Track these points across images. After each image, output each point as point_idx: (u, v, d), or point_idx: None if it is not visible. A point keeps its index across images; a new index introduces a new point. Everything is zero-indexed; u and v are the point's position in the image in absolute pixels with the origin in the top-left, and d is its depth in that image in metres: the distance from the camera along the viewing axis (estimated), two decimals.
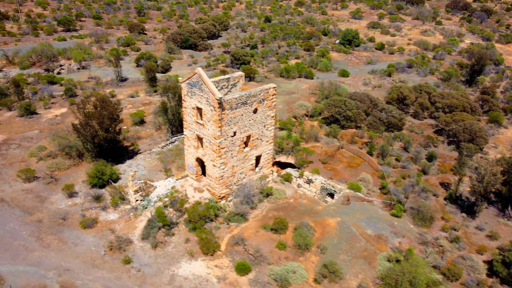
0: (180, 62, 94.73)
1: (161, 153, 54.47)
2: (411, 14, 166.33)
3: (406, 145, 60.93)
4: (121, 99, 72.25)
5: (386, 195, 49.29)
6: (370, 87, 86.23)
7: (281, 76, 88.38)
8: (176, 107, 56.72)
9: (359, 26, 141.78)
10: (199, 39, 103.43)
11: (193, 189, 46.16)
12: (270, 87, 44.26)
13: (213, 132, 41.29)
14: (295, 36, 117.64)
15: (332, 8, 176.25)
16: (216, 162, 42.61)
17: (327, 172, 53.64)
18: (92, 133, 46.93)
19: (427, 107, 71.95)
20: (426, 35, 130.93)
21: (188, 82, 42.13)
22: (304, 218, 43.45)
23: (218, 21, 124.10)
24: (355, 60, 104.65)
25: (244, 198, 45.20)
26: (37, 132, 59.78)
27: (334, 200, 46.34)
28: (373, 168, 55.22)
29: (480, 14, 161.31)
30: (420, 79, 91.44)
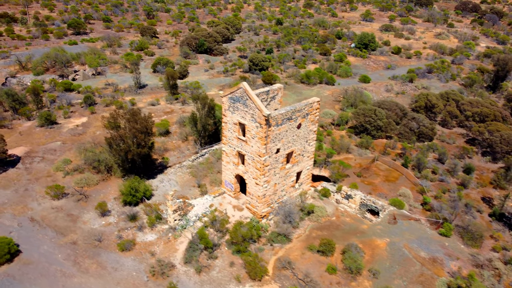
0: (197, 68, 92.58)
1: (192, 167, 52.40)
2: (422, 16, 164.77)
3: (441, 157, 59.06)
4: (142, 107, 70.12)
5: (430, 212, 47.41)
6: (392, 94, 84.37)
7: (302, 82, 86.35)
8: (206, 118, 54.61)
9: (371, 28, 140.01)
10: (214, 43, 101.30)
11: (232, 207, 44.13)
12: (314, 101, 42.31)
13: (258, 149, 39.27)
14: (310, 39, 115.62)
15: (342, 10, 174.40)
16: (259, 181, 40.60)
17: (365, 186, 51.70)
18: (126, 149, 44.75)
19: (456, 115, 70.13)
20: (441, 38, 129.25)
21: (230, 96, 40.08)
22: (351, 239, 41.51)
23: (230, 24, 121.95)
24: (373, 65, 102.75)
25: (285, 217, 43.25)
26: (59, 144, 57.59)
27: (380, 219, 44.40)
28: (411, 182, 53.31)
29: (491, 16, 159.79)
30: (442, 85, 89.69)
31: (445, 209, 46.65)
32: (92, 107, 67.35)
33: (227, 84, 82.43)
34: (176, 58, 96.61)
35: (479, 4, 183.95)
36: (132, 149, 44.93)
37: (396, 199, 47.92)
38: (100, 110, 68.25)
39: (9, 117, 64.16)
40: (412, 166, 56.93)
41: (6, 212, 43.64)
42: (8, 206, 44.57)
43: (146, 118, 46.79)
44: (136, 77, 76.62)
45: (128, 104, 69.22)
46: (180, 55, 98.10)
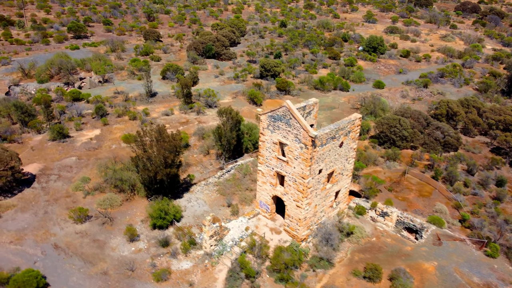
0: (206, 74, 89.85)
1: (219, 184, 49.93)
2: (423, 17, 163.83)
3: (470, 168, 57.44)
4: (156, 118, 67.38)
5: (470, 229, 45.66)
6: (408, 100, 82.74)
7: (316, 88, 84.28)
8: (231, 132, 52.14)
9: (375, 30, 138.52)
10: (222, 47, 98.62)
11: (269, 229, 41.85)
12: (356, 118, 40.22)
13: (301, 171, 37.02)
14: (317, 42, 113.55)
15: (343, 11, 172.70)
16: (301, 203, 38.38)
17: (399, 202, 49.81)
18: (154, 169, 42.06)
19: (478, 123, 68.67)
20: (447, 41, 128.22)
21: (271, 115, 37.75)
22: (396, 262, 39.56)
23: (235, 26, 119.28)
24: (384, 69, 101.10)
25: (325, 239, 41.16)
26: (75, 160, 54.65)
27: (423, 239, 42.49)
28: (445, 197, 51.58)
29: (493, 17, 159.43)
30: (456, 90, 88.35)
31: (486, 226, 45.03)
32: (104, 118, 64.35)
33: (240, 92, 79.95)
34: (184, 63, 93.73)
35: (478, 5, 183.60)
36: (161, 169, 42.25)
37: (436, 216, 46.08)
38: (112, 121, 65.31)
39: (18, 130, 60.90)
40: (443, 178, 55.26)
41: (27, 238, 40.79)
42: (29, 231, 41.71)
43: (175, 136, 44.10)
44: (147, 85, 73.70)
45: (142, 115, 66.38)
46: (188, 60, 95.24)
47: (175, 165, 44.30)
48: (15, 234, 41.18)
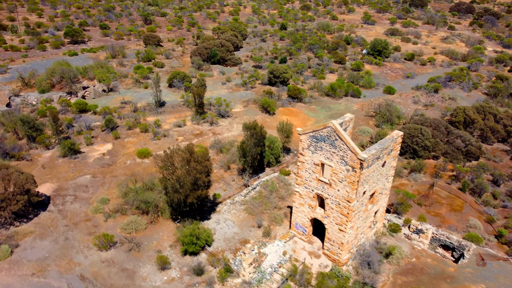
0: (213, 80, 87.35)
1: (245, 203, 47.75)
2: (420, 18, 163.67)
3: (496, 178, 56.40)
4: (168, 130, 64.79)
5: (508, 246, 44.45)
6: (420, 106, 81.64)
7: (327, 95, 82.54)
8: (256, 148, 49.97)
9: (375, 32, 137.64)
10: (227, 53, 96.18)
11: (307, 253, 39.89)
12: (398, 135, 38.50)
13: (346, 194, 35.13)
14: (321, 46, 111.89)
15: (340, 12, 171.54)
16: (344, 227, 36.52)
17: (432, 218, 48.40)
18: (185, 192, 39.65)
19: (497, 130, 67.82)
20: (448, 43, 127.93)
21: (313, 135, 35.74)
22: (441, 286, 38.02)
23: (236, 30, 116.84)
24: (391, 73, 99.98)
25: (364, 262, 39.42)
26: (89, 178, 51.83)
27: (466, 260, 41.04)
28: (476, 210, 50.36)
29: (490, 18, 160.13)
30: (466, 95, 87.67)
31: None
32: (115, 131, 61.50)
33: (251, 100, 77.74)
34: (189, 69, 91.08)
35: (473, 5, 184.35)
36: (192, 192, 39.87)
37: (473, 233, 44.75)
38: (123, 134, 62.49)
39: (25, 146, 57.69)
40: (470, 190, 54.06)
41: (50, 269, 38.07)
42: (51, 261, 38.97)
43: (205, 155, 41.73)
44: (156, 94, 70.93)
45: (153, 127, 63.69)
46: (192, 66, 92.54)
47: (206, 186, 41.96)
48: (37, 265, 38.41)
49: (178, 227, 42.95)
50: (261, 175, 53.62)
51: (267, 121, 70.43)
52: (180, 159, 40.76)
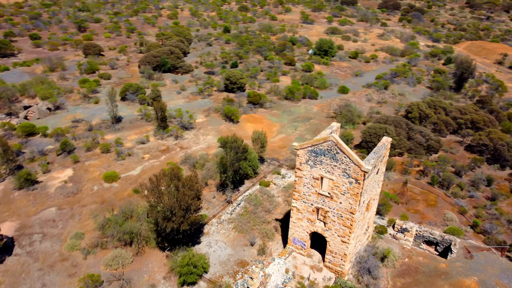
0: (166, 90, 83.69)
1: (233, 220, 45.99)
2: (354, 16, 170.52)
3: (459, 170, 59.88)
4: (131, 148, 60.86)
5: (484, 235, 47.26)
6: (374, 103, 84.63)
7: (286, 98, 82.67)
8: (239, 162, 48.37)
9: (316, 32, 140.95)
10: (177, 60, 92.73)
11: (309, 268, 39.24)
12: (387, 142, 39.08)
13: (349, 206, 34.95)
14: (268, 48, 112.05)
15: (277, 12, 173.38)
16: (347, 238, 36.37)
17: (413, 215, 50.13)
18: (179, 220, 37.04)
19: (450, 124, 72.20)
20: (384, 39, 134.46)
21: (312, 149, 35.02)
22: (438, 283, 39.35)
23: (180, 35, 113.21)
24: (340, 72, 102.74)
25: (363, 269, 39.74)
26: (55, 211, 46.97)
27: (454, 254, 42.85)
28: (448, 203, 53.05)
29: (416, 14, 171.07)
30: (412, 90, 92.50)
31: (499, 230, 46.91)
32: (74, 155, 56.40)
33: (212, 108, 75.57)
34: (139, 80, 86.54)
35: (399, 2, 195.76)
36: (186, 219, 37.41)
37: (453, 227, 46.98)
38: (83, 157, 57.56)
39: None
40: (439, 184, 56.83)
41: None
42: None
43: (193, 178, 39.28)
44: (112, 110, 66.28)
45: (116, 146, 59.42)
46: (143, 76, 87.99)
47: (197, 209, 39.62)
48: None
49: (168, 256, 40.21)
50: (241, 189, 52.08)
51: (233, 130, 68.77)
52: (167, 185, 38.00)
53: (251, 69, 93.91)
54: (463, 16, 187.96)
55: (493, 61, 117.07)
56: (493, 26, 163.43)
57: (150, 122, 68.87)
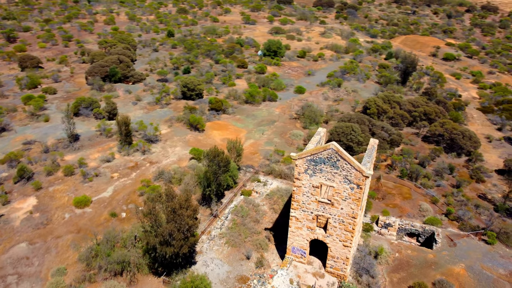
0: (121, 101, 79.46)
1: (224, 235, 44.79)
2: (293, 14, 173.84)
3: (422, 161, 63.35)
4: (97, 167, 57.06)
5: (457, 222, 50.40)
6: (331, 101, 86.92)
7: (246, 102, 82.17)
8: (224, 174, 47.19)
9: (260, 32, 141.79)
10: (128, 69, 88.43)
11: (311, 275, 39.30)
12: (375, 143, 40.27)
13: (351, 211, 35.50)
14: (217, 51, 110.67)
15: (217, 13, 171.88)
16: (350, 242, 36.96)
17: (392, 210, 52.15)
18: (180, 244, 35.21)
19: (406, 117, 76.16)
20: (326, 37, 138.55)
21: (311, 158, 34.98)
22: (430, 273, 41.36)
23: (124, 41, 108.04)
24: (292, 72, 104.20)
25: (361, 269, 40.75)
26: (26, 246, 42.75)
27: (439, 244, 45.23)
28: (420, 194, 55.93)
29: (350, 11, 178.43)
30: (363, 86, 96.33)
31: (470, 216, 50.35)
32: (35, 181, 51.64)
33: (173, 118, 73.01)
34: (89, 92, 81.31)
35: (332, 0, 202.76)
36: (186, 242, 35.71)
37: (432, 217, 49.61)
38: (45, 182, 52.92)
39: None
40: (408, 176, 59.70)
41: None
42: None
43: (187, 197, 37.52)
44: (69, 128, 61.59)
45: (82, 168, 55.35)
46: (93, 88, 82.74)
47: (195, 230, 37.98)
48: None
49: (165, 281, 38.22)
50: (224, 201, 50.90)
51: (200, 139, 67.13)
52: (163, 208, 36.00)
53: (206, 74, 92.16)
54: (392, 11, 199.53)
55: (428, 54, 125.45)
56: (420, 20, 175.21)
57: (111, 138, 65.02)
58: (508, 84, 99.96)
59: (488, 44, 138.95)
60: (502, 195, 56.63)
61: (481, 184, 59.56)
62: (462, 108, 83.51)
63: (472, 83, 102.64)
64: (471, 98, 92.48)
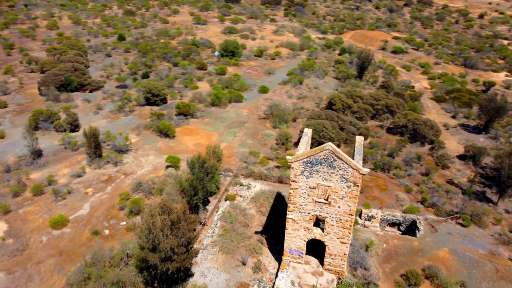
0: (81, 112, 75.51)
1: (216, 243, 44.13)
2: (242, 13, 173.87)
3: (391, 152, 66.17)
4: (68, 183, 54.03)
5: (432, 208, 53.26)
6: (295, 99, 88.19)
7: (212, 105, 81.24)
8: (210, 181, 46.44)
9: (213, 32, 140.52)
10: (84, 76, 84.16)
11: (311, 275, 39.77)
12: (362, 140, 41.41)
13: (348, 208, 36.37)
14: (174, 54, 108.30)
15: (166, 14, 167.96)
16: (347, 239, 37.88)
17: (372, 202, 54.03)
18: (183, 258, 34.15)
19: (369, 110, 79.03)
20: (279, 35, 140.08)
21: (307, 160, 35.32)
22: (418, 260, 43.43)
23: (74, 47, 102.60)
24: (252, 72, 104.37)
25: (356, 262, 42.00)
26: (5, 277, 39.74)
27: (422, 231, 47.48)
28: (395, 184, 58.42)
29: (298, 8, 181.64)
30: (323, 82, 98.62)
31: (444, 202, 53.43)
32: (3, 204, 47.90)
33: (141, 126, 70.65)
34: (45, 104, 76.45)
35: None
36: (188, 255, 34.78)
37: (411, 206, 52.02)
38: (13, 204, 49.30)
39: None
40: (381, 168, 62.11)
41: None
42: None
43: (184, 210, 36.43)
44: (32, 144, 57.66)
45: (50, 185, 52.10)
46: (48, 99, 77.87)
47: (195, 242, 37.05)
48: None
49: None
50: (209, 208, 50.14)
51: (172, 145, 65.59)
52: (160, 222, 34.76)
53: (167, 78, 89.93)
54: (337, 7, 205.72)
55: (377, 48, 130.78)
56: (364, 15, 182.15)
57: (78, 151, 61.74)
58: (454, 74, 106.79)
59: (429, 36, 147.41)
60: (467, 179, 60.64)
61: (446, 170, 63.30)
62: (418, 99, 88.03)
63: (422, 74, 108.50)
64: (423, 88, 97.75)
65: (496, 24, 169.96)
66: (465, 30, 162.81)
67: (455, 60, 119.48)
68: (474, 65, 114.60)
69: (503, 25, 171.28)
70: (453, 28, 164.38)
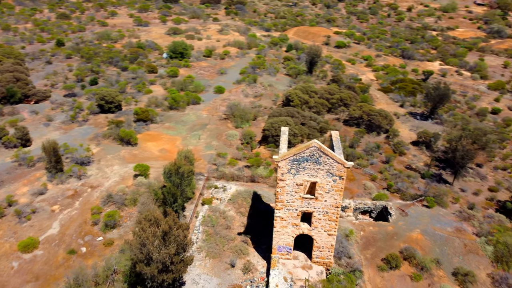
0: (30, 124, 70.60)
1: (202, 248, 43.74)
2: (184, 13, 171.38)
3: (352, 143, 69.22)
4: (30, 203, 50.67)
5: (398, 193, 56.65)
6: (251, 98, 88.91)
7: (171, 108, 79.63)
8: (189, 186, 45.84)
9: (157, 34, 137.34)
10: (27, 87, 78.73)
11: (301, 269, 40.76)
12: (337, 135, 43.10)
13: (334, 201, 37.81)
14: (121, 58, 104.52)
15: (103, 17, 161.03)
16: (334, 231, 39.39)
17: (344, 193, 56.10)
18: (180, 267, 33.50)
19: (325, 104, 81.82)
20: (225, 34, 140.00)
21: (294, 158, 36.13)
22: (394, 243, 46.14)
23: (10, 56, 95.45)
24: (205, 72, 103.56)
25: (339, 252, 43.78)
26: None
27: (394, 216, 50.31)
28: (361, 174, 61.26)
29: (239, 6, 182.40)
30: (276, 79, 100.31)
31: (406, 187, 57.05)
32: None
33: (99, 135, 67.63)
34: None
35: None
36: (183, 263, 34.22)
37: (380, 193, 54.96)
38: None
39: None
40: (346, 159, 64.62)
41: None
42: None
43: (174, 219, 35.68)
44: None
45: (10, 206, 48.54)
46: None
47: None
48: None
49: None
50: (187, 214, 49.43)
51: (136, 153, 63.63)
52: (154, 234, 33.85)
53: (118, 83, 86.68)
54: (275, 4, 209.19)
55: (321, 43, 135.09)
56: (304, 12, 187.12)
57: (34, 167, 57.91)
58: (395, 65, 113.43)
59: (367, 30, 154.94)
60: (423, 163, 65.06)
61: (404, 157, 67.41)
62: (367, 90, 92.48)
63: (366, 67, 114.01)
64: (370, 80, 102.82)
65: (423, 16, 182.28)
66: (397, 23, 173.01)
67: (394, 52, 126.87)
68: (411, 56, 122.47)
69: (429, 17, 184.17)
70: (387, 21, 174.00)
